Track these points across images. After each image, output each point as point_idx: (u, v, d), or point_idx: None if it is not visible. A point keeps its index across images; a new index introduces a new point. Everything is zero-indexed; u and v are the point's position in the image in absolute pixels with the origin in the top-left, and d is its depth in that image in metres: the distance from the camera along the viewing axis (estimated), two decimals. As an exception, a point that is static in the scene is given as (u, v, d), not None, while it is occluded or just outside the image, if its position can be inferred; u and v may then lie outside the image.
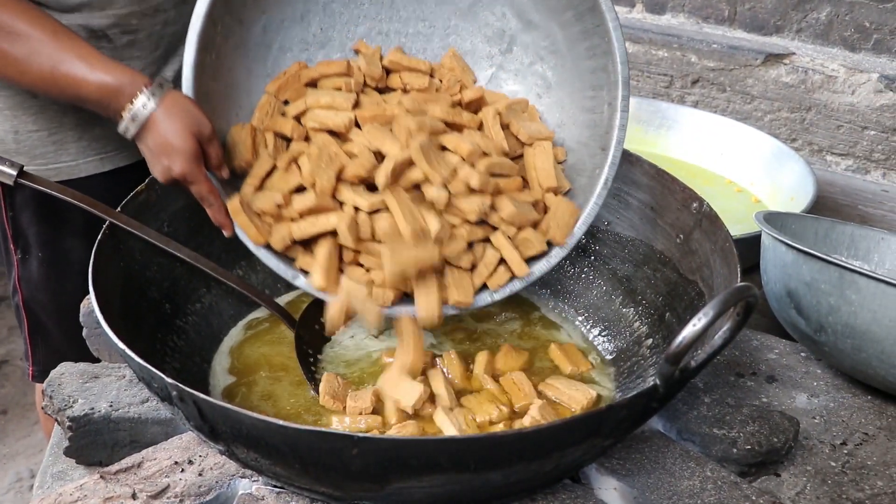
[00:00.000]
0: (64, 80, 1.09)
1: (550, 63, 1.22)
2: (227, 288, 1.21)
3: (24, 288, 1.42)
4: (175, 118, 1.06)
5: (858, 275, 1.10)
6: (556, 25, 1.19)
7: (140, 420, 1.07)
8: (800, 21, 2.14)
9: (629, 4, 2.37)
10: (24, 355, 1.50)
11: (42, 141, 1.31)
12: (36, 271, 1.39)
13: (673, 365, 0.86)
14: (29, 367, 1.49)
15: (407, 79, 1.21)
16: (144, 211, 1.15)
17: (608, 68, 1.13)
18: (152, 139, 1.07)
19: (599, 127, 1.16)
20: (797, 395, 1.19)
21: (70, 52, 1.09)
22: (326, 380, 1.09)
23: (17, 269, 1.40)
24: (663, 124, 1.99)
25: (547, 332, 1.24)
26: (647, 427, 1.07)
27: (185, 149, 1.05)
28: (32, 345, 1.47)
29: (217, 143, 1.09)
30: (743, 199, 1.81)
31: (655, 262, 1.21)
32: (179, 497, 0.94)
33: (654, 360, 1.13)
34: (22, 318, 1.46)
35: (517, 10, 1.22)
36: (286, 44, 1.21)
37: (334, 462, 0.82)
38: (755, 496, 0.97)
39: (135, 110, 1.07)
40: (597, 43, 1.14)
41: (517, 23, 1.23)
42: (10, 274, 1.43)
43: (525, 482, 0.91)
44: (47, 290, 1.41)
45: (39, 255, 1.38)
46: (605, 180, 1.13)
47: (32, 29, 1.09)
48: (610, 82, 1.14)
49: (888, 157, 2.05)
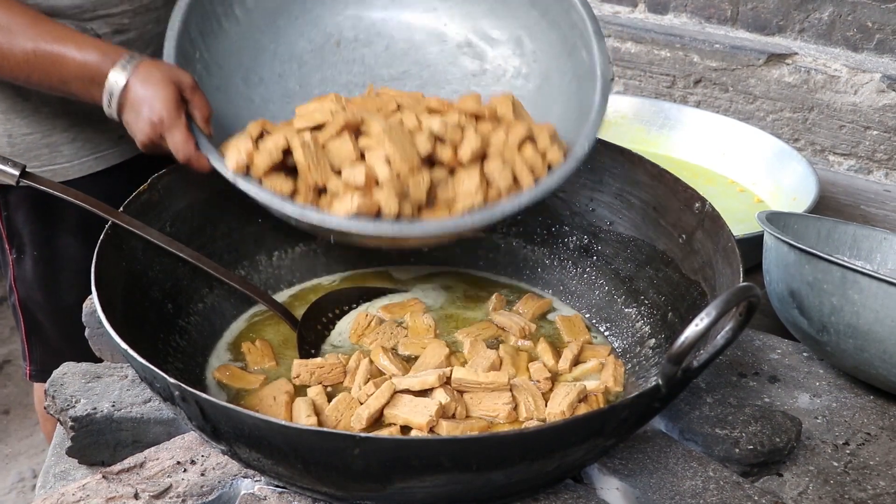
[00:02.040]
0: (46, 59, 1.09)
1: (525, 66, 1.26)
2: (229, 288, 1.21)
3: (19, 288, 1.42)
4: (150, 78, 1.05)
5: (861, 275, 1.10)
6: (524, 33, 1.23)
7: (142, 420, 1.07)
8: (802, 21, 2.14)
9: (631, 4, 2.37)
10: (21, 355, 1.50)
11: (36, 143, 1.30)
12: (31, 271, 1.39)
13: (675, 365, 0.86)
14: (27, 366, 1.49)
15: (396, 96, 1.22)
16: (147, 211, 1.15)
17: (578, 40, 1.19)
18: (129, 102, 1.07)
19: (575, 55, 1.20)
20: (799, 395, 1.19)
21: (51, 33, 1.10)
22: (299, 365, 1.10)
23: (12, 270, 1.40)
24: (665, 124, 1.99)
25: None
26: (649, 427, 1.07)
27: (163, 94, 1.04)
28: (29, 344, 1.47)
29: (202, 95, 1.08)
30: (745, 199, 1.81)
31: (658, 263, 1.21)
32: (182, 497, 0.94)
33: (657, 360, 1.13)
34: (18, 318, 1.46)
35: (480, 36, 1.27)
36: (267, 96, 1.24)
37: (336, 462, 0.82)
38: (757, 496, 0.97)
39: (110, 85, 1.07)
40: (567, 33, 1.19)
41: (484, 45, 1.28)
42: (6, 274, 1.43)
43: (527, 482, 0.91)
44: (43, 289, 1.41)
45: (35, 254, 1.39)
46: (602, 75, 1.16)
47: (12, 18, 1.10)
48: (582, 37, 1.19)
49: (890, 157, 2.05)
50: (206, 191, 1.22)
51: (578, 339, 1.19)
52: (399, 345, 1.17)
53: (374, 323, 1.21)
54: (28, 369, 1.49)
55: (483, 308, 1.27)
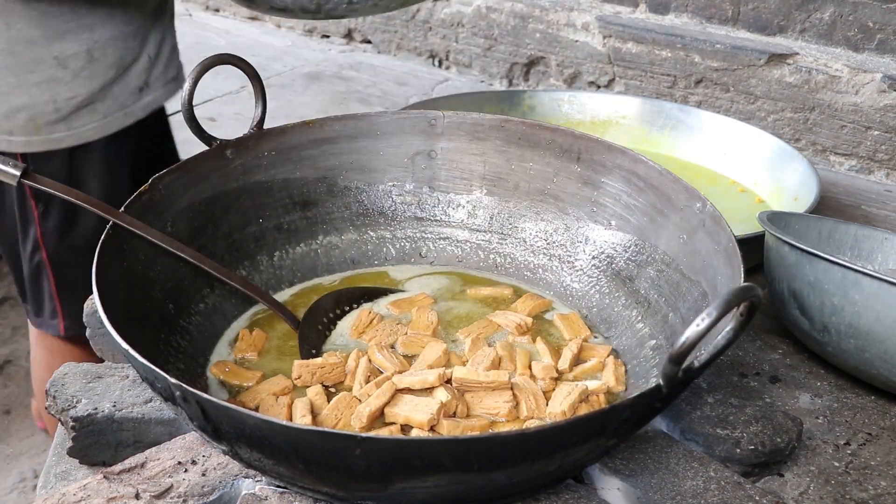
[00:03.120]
0: None
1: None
2: (231, 288, 1.21)
3: (47, 242, 1.47)
4: None
5: (862, 275, 1.10)
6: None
7: (143, 420, 1.07)
8: (803, 21, 2.14)
9: (632, 4, 2.37)
10: (49, 315, 1.54)
11: (77, 106, 1.42)
12: (58, 221, 1.47)
13: (676, 365, 0.86)
14: (59, 322, 1.54)
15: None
16: (148, 210, 1.15)
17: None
18: None
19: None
20: (800, 396, 1.19)
21: None
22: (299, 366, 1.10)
23: (38, 227, 1.46)
24: (666, 124, 1.99)
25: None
26: (650, 427, 1.07)
27: None
28: (60, 299, 1.52)
29: None
30: (746, 199, 1.81)
31: (658, 263, 1.21)
32: (183, 497, 0.94)
33: (657, 360, 1.13)
34: (47, 275, 1.51)
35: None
36: None
37: (337, 462, 0.82)
38: (758, 496, 0.97)
39: None
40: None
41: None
42: (28, 237, 1.47)
43: (528, 482, 0.91)
44: (71, 236, 1.49)
45: (61, 202, 1.46)
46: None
47: None
48: None
49: (892, 157, 2.05)
50: (208, 191, 1.22)
51: (578, 338, 1.19)
52: (398, 343, 1.17)
53: (376, 320, 1.21)
54: (62, 325, 1.53)
55: (483, 308, 1.27)
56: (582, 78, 2.42)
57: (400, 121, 1.36)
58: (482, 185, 1.37)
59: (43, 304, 1.54)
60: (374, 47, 2.82)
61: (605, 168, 1.28)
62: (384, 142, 1.35)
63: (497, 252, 1.35)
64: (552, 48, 2.44)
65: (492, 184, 1.36)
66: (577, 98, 2.06)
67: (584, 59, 2.38)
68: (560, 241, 1.32)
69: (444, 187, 1.38)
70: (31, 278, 1.51)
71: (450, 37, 2.64)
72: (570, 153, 1.31)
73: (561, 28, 2.41)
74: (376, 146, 1.35)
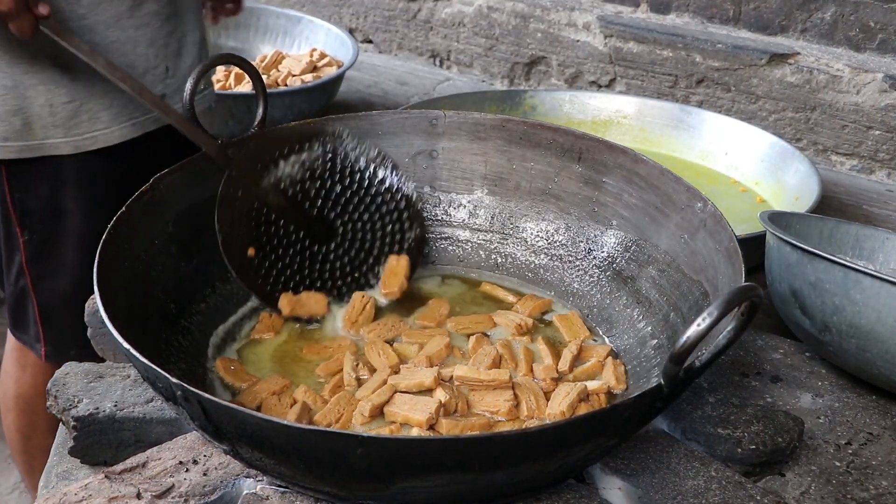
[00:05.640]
0: None
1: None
2: (232, 288, 1.21)
3: (31, 270, 1.45)
4: None
5: (863, 275, 1.10)
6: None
7: (145, 420, 1.07)
8: (804, 21, 2.14)
9: (633, 4, 2.37)
10: (34, 338, 1.53)
11: (76, 111, 1.36)
12: (43, 247, 1.43)
13: (677, 365, 0.86)
14: (41, 348, 1.52)
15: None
16: (149, 210, 1.15)
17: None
18: None
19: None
20: (801, 395, 1.19)
21: None
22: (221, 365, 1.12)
23: (23, 253, 1.43)
24: (668, 124, 1.99)
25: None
26: (651, 427, 1.07)
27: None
28: (43, 326, 1.50)
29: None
30: (747, 199, 1.81)
31: (660, 263, 1.21)
32: (184, 497, 0.94)
33: (659, 360, 1.13)
34: (31, 301, 1.48)
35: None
36: None
37: (338, 462, 0.82)
38: (760, 496, 0.97)
39: None
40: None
41: None
42: (13, 262, 1.45)
43: (530, 482, 0.91)
44: (56, 262, 1.46)
45: (45, 230, 1.42)
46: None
47: None
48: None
49: (893, 156, 2.05)
50: (209, 191, 1.22)
51: (578, 339, 1.19)
52: (403, 336, 1.18)
53: (369, 306, 1.22)
54: (43, 350, 1.52)
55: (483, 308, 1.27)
56: (583, 78, 2.42)
57: (401, 120, 1.36)
58: (483, 184, 1.37)
59: (28, 326, 1.51)
60: (375, 47, 2.82)
61: (607, 168, 1.28)
62: (385, 141, 1.35)
63: (498, 252, 1.35)
64: (553, 48, 2.44)
65: (493, 183, 1.36)
66: (578, 98, 2.06)
67: (586, 59, 2.38)
68: (561, 241, 1.32)
69: (446, 187, 1.38)
70: (16, 300, 1.49)
71: (451, 36, 2.64)
72: (571, 153, 1.31)
73: (562, 28, 2.41)
74: (377, 146, 1.35)
